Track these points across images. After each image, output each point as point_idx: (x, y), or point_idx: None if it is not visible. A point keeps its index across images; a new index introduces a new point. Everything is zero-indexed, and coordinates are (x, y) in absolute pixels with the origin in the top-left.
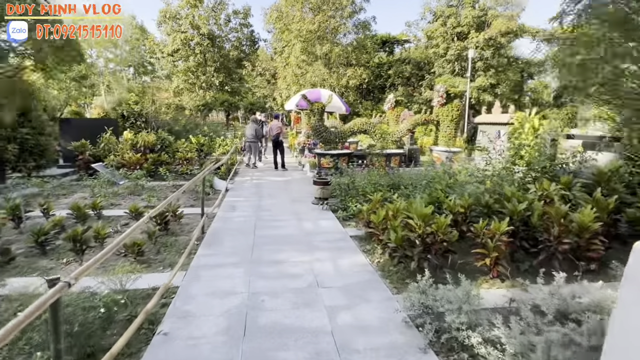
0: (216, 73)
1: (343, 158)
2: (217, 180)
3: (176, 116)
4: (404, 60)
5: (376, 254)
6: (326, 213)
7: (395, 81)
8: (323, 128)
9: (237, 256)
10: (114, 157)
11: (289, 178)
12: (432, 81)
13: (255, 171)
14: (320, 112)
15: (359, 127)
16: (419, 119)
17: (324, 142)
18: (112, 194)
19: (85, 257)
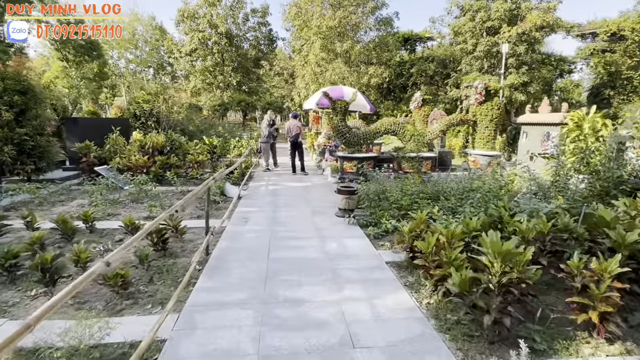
0: (234, 73)
1: (368, 162)
2: (229, 186)
3: (190, 116)
4: (427, 58)
5: (424, 290)
6: (353, 229)
7: (418, 80)
8: (346, 129)
9: (245, 291)
10: (119, 159)
11: (308, 184)
12: (459, 79)
13: (271, 175)
14: (343, 110)
15: (386, 128)
16: (454, 118)
17: (346, 144)
18: (112, 201)
19: (61, 287)
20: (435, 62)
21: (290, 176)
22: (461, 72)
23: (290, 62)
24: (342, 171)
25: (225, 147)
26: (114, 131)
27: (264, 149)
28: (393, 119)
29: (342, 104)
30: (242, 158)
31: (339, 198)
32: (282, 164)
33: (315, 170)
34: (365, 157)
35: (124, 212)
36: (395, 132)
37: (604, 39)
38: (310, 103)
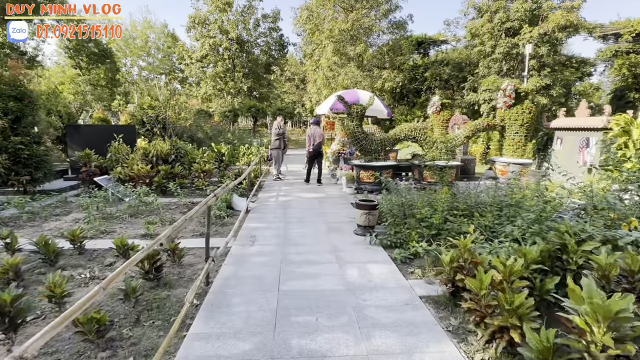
0: (244, 78)
1: (387, 171)
2: (236, 198)
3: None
4: (442, 62)
5: (474, 340)
6: (376, 250)
7: (433, 84)
8: (362, 135)
9: (250, 339)
10: (121, 169)
11: (322, 195)
12: (476, 83)
13: (282, 184)
14: (359, 115)
15: (406, 134)
16: (480, 124)
17: (362, 151)
18: (109, 216)
19: (29, 331)
20: (450, 65)
21: (302, 186)
22: (478, 76)
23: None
24: (358, 181)
25: (234, 154)
26: (116, 139)
27: (275, 157)
28: (413, 124)
29: (358, 109)
30: (251, 167)
31: (358, 213)
32: (291, 172)
33: (329, 179)
34: (384, 165)
35: (120, 229)
36: (416, 139)
37: (629, 39)
38: (323, 108)
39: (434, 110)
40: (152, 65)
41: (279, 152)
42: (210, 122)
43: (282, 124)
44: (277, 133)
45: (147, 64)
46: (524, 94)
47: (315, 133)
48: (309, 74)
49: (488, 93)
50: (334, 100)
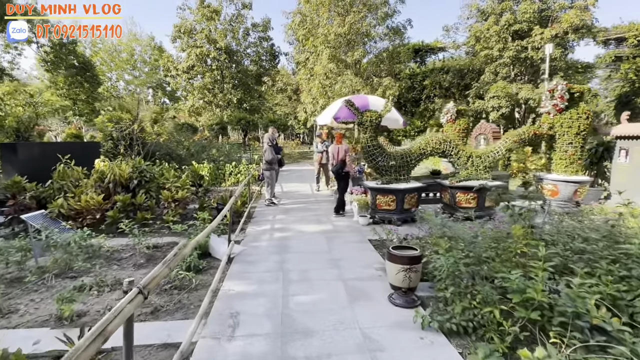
0: (234, 90)
1: (411, 195)
2: (214, 241)
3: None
4: (442, 69)
5: None
6: (436, 343)
7: (432, 92)
8: (379, 150)
9: None
10: (63, 200)
11: (328, 227)
12: (481, 89)
13: (277, 211)
14: (374, 125)
15: (434, 147)
16: (524, 133)
17: (378, 170)
18: (18, 278)
19: None
20: (451, 73)
21: (302, 214)
22: (483, 82)
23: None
24: (374, 208)
25: (219, 174)
26: (63, 160)
27: (267, 178)
28: (442, 135)
29: (372, 117)
30: (237, 192)
31: (392, 269)
32: (288, 194)
33: (331, 202)
34: (407, 189)
35: (29, 306)
36: (445, 153)
37: (634, 43)
38: (325, 117)
39: (449, 118)
40: (137, 79)
41: (272, 172)
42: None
43: (275, 135)
44: (270, 147)
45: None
46: (579, 94)
47: (340, 149)
48: (303, 84)
49: (496, 100)
50: (340, 107)
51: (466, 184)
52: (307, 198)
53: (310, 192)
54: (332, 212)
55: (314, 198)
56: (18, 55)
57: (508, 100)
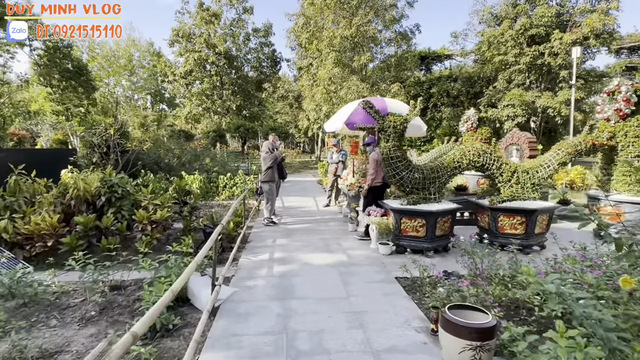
0: (233, 96)
1: (445, 218)
2: (195, 282)
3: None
4: (450, 77)
5: None
6: None
7: (439, 101)
8: (404, 162)
9: None
10: (7, 223)
11: (341, 257)
12: (494, 97)
13: (277, 233)
14: (399, 131)
15: (471, 160)
16: (581, 143)
17: (403, 187)
18: None
19: None
20: (460, 80)
21: (308, 237)
22: (496, 90)
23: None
24: (398, 234)
25: (211, 187)
26: (15, 171)
27: (266, 192)
28: (480, 145)
29: (397, 122)
30: (229, 213)
31: (451, 344)
32: (289, 210)
33: (342, 224)
34: (440, 211)
35: None
36: (485, 167)
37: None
38: (334, 123)
39: (469, 126)
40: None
41: (272, 186)
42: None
43: (276, 143)
44: (270, 157)
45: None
46: None
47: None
48: (305, 90)
49: (511, 108)
50: (354, 111)
51: (511, 206)
52: (311, 216)
53: (315, 207)
54: (343, 235)
55: (320, 216)
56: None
57: (524, 109)
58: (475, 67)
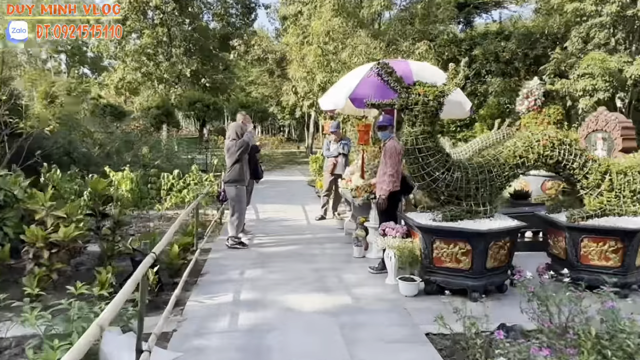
0: (187, 57)
1: (502, 241)
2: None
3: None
4: (500, 34)
5: None
6: None
7: (485, 67)
8: (438, 156)
9: None
10: None
11: (343, 300)
12: (563, 64)
13: (247, 258)
14: (433, 110)
15: (541, 154)
16: None
17: (436, 193)
18: None
19: None
20: (514, 39)
21: (292, 264)
22: (567, 53)
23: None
24: (429, 264)
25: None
26: None
27: (233, 199)
28: (555, 132)
29: (429, 95)
30: (169, 232)
31: None
32: (265, 222)
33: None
34: (494, 231)
35: None
36: (561, 164)
37: None
38: (334, 98)
39: (531, 104)
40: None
41: (241, 190)
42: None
43: (248, 127)
44: (237, 145)
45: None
46: None
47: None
48: (292, 50)
49: (589, 79)
50: (362, 80)
51: (602, 224)
52: (299, 233)
53: (305, 221)
54: (345, 264)
55: (311, 233)
56: None
57: (608, 80)
58: (536, 19)
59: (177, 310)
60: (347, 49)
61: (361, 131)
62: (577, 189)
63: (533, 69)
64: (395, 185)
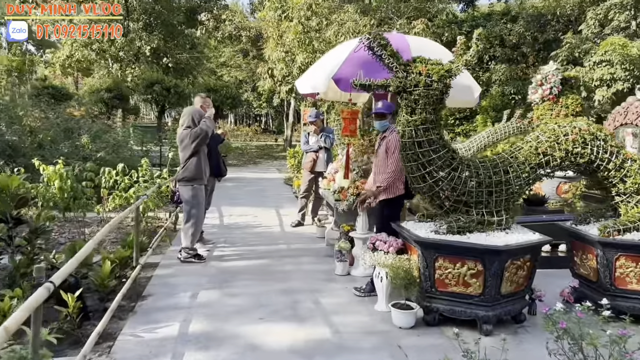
0: (147, 33)
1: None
2: None
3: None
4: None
5: None
6: None
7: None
8: (443, 153)
9: None
10: None
11: (322, 334)
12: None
13: (203, 280)
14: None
15: (569, 152)
16: None
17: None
18: None
19: None
20: (521, 20)
21: (258, 286)
22: (581, 37)
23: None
24: (431, 288)
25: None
26: None
27: (188, 201)
28: (587, 124)
29: (433, 73)
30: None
31: None
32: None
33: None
34: (511, 248)
35: None
36: (594, 163)
37: None
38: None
39: (546, 93)
40: None
41: (198, 191)
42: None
43: (209, 112)
44: (192, 135)
45: None
46: None
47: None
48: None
49: (606, 67)
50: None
51: None
52: (270, 243)
53: (278, 227)
54: (325, 283)
55: (285, 243)
56: None
57: (628, 68)
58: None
59: (104, 348)
60: (333, 26)
61: (346, 119)
62: (612, 195)
63: (542, 55)
64: (400, 187)
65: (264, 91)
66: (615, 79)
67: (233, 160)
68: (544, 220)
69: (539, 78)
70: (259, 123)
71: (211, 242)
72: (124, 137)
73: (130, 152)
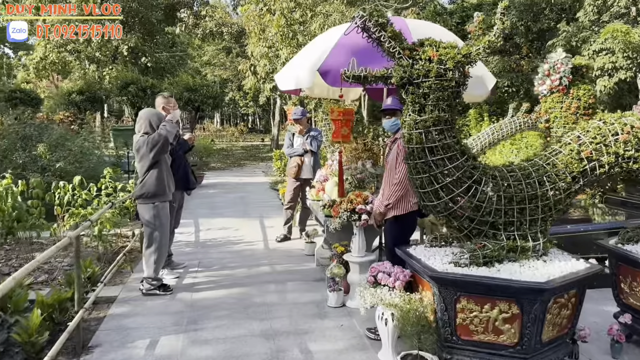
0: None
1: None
2: None
3: None
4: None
5: None
6: None
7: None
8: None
9: None
10: None
11: None
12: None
13: (166, 321)
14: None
15: (621, 156)
16: None
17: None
18: None
19: None
20: (514, 9)
21: (235, 328)
22: (578, 25)
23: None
24: (451, 335)
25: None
26: None
27: (149, 222)
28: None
29: (447, 58)
30: None
31: None
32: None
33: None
34: (558, 284)
35: None
36: None
37: None
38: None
39: (555, 84)
40: None
41: (161, 210)
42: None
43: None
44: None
45: None
46: None
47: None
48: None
49: (608, 56)
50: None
51: None
52: (252, 264)
53: (262, 243)
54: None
55: (269, 263)
56: None
57: (630, 57)
58: None
59: None
60: (318, 18)
61: (337, 121)
62: None
63: (537, 45)
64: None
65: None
66: (617, 68)
67: (217, 163)
68: (570, 231)
69: (546, 68)
70: (245, 123)
71: (182, 266)
72: (91, 143)
73: (97, 160)
